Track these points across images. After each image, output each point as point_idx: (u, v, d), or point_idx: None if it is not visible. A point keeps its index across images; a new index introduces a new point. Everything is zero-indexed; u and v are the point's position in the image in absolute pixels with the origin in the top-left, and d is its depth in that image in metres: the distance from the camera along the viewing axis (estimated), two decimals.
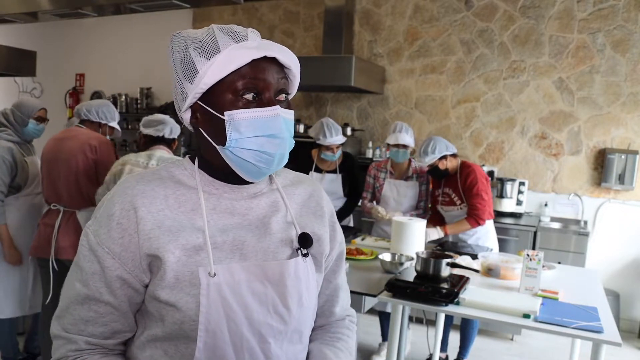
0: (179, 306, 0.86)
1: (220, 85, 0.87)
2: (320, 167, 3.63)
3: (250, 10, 5.53)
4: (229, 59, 0.86)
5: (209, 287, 0.86)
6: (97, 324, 0.89)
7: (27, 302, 3.01)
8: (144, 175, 0.93)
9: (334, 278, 1.08)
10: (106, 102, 3.11)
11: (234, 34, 0.89)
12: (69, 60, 6.66)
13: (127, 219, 0.87)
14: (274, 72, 0.89)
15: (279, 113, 0.87)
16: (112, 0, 3.31)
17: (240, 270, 0.88)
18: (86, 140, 2.83)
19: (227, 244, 0.90)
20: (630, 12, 4.14)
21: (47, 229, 2.83)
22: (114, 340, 0.91)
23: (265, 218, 0.95)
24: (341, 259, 1.10)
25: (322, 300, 1.06)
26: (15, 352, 3.07)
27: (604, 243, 4.30)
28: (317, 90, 5.10)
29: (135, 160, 2.57)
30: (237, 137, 0.87)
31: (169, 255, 0.86)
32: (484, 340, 3.87)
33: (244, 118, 0.86)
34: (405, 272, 2.32)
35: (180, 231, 0.87)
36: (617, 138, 4.24)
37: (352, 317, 1.14)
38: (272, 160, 0.89)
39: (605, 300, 2.30)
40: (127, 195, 0.89)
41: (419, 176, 3.46)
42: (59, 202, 2.82)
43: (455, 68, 4.71)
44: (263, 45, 0.88)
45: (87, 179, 2.81)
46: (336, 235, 1.06)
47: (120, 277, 0.87)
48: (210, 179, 0.94)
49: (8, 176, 2.82)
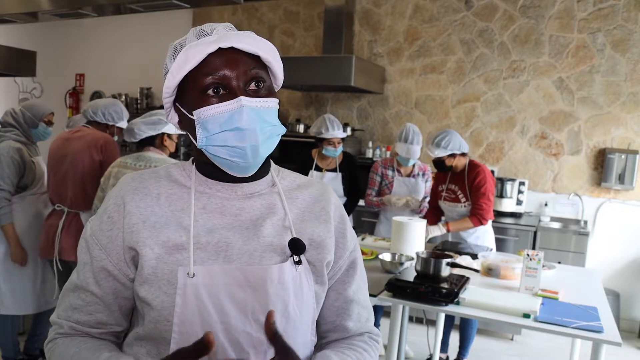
0: (154, 304, 0.85)
1: (188, 85, 0.87)
2: (320, 166, 3.63)
3: (250, 10, 5.53)
4: (185, 59, 0.85)
5: (186, 287, 0.84)
6: (82, 312, 0.90)
7: (33, 301, 3.01)
8: (142, 173, 0.94)
9: (344, 290, 0.99)
10: (114, 101, 3.08)
11: (200, 32, 0.88)
12: (69, 60, 6.66)
13: (117, 212, 0.89)
14: (239, 63, 0.85)
15: (242, 104, 0.83)
16: (112, 0, 3.31)
17: (220, 273, 0.85)
18: (92, 140, 2.82)
19: (212, 245, 0.87)
20: (630, 12, 4.14)
21: (50, 229, 2.84)
22: (98, 330, 0.91)
23: (259, 220, 0.91)
24: (353, 270, 1.00)
25: (332, 314, 0.98)
26: (16, 352, 3.07)
27: (604, 243, 4.30)
28: (317, 90, 5.10)
29: (124, 162, 2.54)
30: (206, 135, 0.86)
31: (147, 250, 0.86)
32: (484, 340, 3.87)
33: (208, 115, 0.85)
34: (405, 272, 2.32)
35: (163, 228, 0.87)
36: (617, 138, 4.24)
37: (373, 334, 1.02)
38: (244, 154, 0.86)
39: (605, 300, 2.30)
40: (121, 190, 0.91)
41: (424, 173, 3.59)
42: (63, 203, 2.83)
43: (455, 68, 4.71)
44: (221, 38, 0.85)
45: (92, 181, 2.80)
46: (346, 243, 0.98)
47: (105, 268, 0.88)
48: (204, 178, 0.93)
49: (16, 176, 2.85)
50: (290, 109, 5.40)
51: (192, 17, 5.82)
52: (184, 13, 5.71)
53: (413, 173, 3.56)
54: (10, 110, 2.98)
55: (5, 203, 2.82)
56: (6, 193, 2.82)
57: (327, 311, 0.98)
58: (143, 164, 2.50)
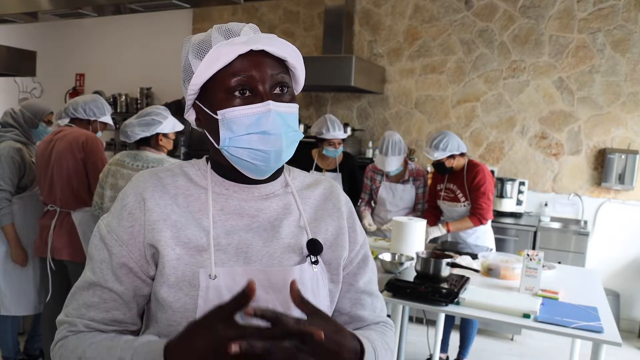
0: (176, 306, 0.84)
1: (214, 84, 0.86)
2: (320, 166, 3.63)
3: (250, 11, 5.53)
4: (216, 57, 0.84)
5: (208, 289, 0.83)
6: (99, 309, 0.88)
7: (33, 301, 3.01)
8: (158, 171, 0.94)
9: (355, 281, 1.00)
10: (94, 96, 3.04)
11: (227, 32, 0.87)
12: (69, 60, 6.66)
13: (138, 209, 0.88)
14: (267, 66, 0.86)
15: (270, 108, 0.84)
16: (112, 0, 3.31)
17: (242, 275, 0.85)
18: (73, 139, 2.78)
19: (232, 247, 0.87)
20: (630, 12, 4.14)
21: (44, 229, 2.84)
22: (113, 328, 0.89)
23: (276, 221, 0.92)
24: (365, 263, 1.02)
25: (346, 305, 0.99)
26: (16, 352, 3.07)
27: (604, 243, 4.30)
28: (317, 90, 5.10)
29: (121, 160, 2.53)
30: (230, 136, 0.85)
31: (168, 251, 0.85)
32: (484, 340, 3.87)
33: (234, 116, 0.84)
34: (405, 272, 2.32)
35: (184, 228, 0.87)
36: (617, 138, 4.24)
37: (387, 324, 1.03)
38: (268, 158, 0.86)
39: (605, 300, 2.30)
40: (139, 187, 0.90)
41: (415, 179, 3.45)
42: (54, 203, 2.82)
43: (455, 68, 4.71)
44: (252, 40, 0.85)
45: (78, 179, 2.79)
46: (357, 237, 1.00)
47: (126, 264, 0.87)
48: (220, 179, 0.93)
49: (16, 176, 2.86)
50: None
51: (192, 17, 5.82)
52: (184, 13, 5.71)
53: (403, 178, 3.46)
54: (9, 111, 2.97)
55: (6, 204, 2.82)
56: (6, 193, 2.82)
57: (341, 304, 0.99)
58: (140, 164, 2.50)
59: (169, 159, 2.59)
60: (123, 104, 6.09)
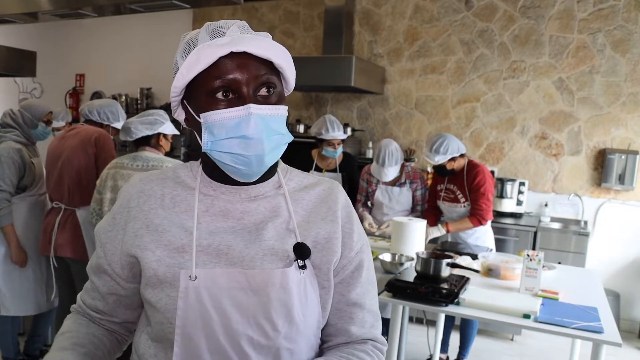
0: (158, 307, 0.86)
1: (197, 86, 0.85)
2: (320, 167, 3.63)
3: (250, 11, 5.53)
4: (196, 59, 0.82)
5: (188, 290, 0.83)
6: (88, 295, 0.99)
7: (33, 302, 3.01)
8: (150, 174, 0.95)
9: (347, 292, 0.94)
10: (111, 102, 3.08)
11: (213, 31, 0.85)
12: (69, 61, 6.66)
13: (121, 215, 0.92)
14: (250, 67, 0.82)
15: (251, 112, 0.81)
16: (112, 0, 3.30)
17: (222, 276, 0.84)
18: (86, 136, 2.83)
19: (213, 248, 0.86)
20: (630, 12, 4.14)
21: (48, 227, 2.86)
22: (98, 315, 0.98)
23: (262, 223, 0.89)
24: (359, 272, 0.95)
25: (334, 316, 0.94)
26: (16, 352, 3.07)
27: (604, 243, 4.30)
28: (317, 90, 5.10)
29: (120, 162, 2.53)
30: (212, 140, 0.84)
31: (148, 254, 0.87)
32: (484, 340, 3.87)
33: (215, 120, 0.82)
34: (406, 272, 2.32)
35: (166, 231, 0.87)
36: (617, 138, 4.24)
37: (377, 343, 0.96)
38: (249, 162, 0.84)
39: (606, 300, 2.30)
40: (127, 194, 0.93)
41: (412, 182, 3.40)
42: (60, 200, 2.84)
43: (455, 68, 4.71)
44: (234, 41, 0.82)
45: (88, 175, 2.82)
46: (352, 244, 0.94)
47: (101, 265, 0.94)
48: (209, 180, 0.92)
49: (16, 177, 2.86)
50: (290, 109, 5.39)
51: (192, 17, 5.82)
52: (184, 13, 5.71)
53: (399, 182, 3.41)
54: (8, 112, 2.98)
55: (6, 204, 2.82)
56: (6, 194, 2.83)
57: (329, 314, 0.94)
58: (140, 164, 2.50)
59: (168, 159, 2.59)
60: (123, 105, 6.09)
